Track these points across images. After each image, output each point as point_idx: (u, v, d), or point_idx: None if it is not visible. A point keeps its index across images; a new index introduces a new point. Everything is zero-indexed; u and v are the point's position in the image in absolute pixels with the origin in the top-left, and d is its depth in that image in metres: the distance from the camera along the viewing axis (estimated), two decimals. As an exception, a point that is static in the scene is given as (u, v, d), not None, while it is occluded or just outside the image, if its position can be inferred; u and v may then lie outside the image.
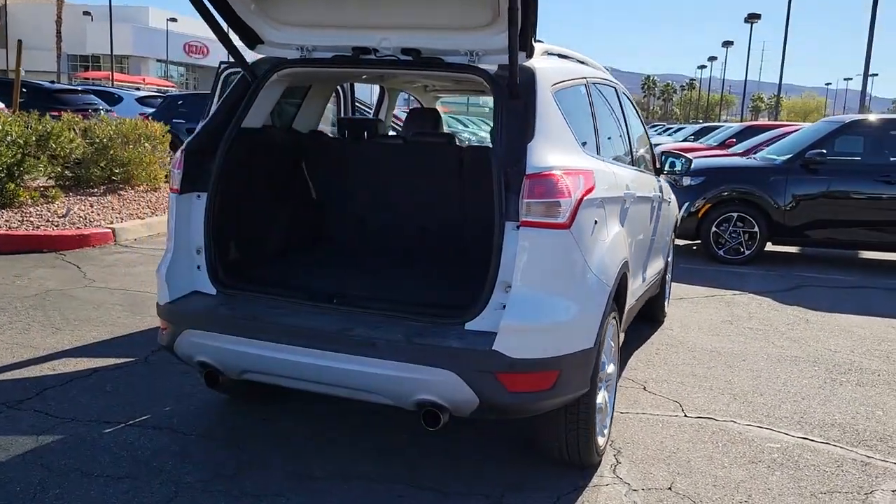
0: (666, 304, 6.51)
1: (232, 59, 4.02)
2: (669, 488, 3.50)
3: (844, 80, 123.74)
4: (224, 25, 3.53)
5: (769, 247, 9.63)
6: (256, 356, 3.23)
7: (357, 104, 5.80)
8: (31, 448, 3.57)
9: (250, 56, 3.71)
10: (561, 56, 3.98)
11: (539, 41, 3.47)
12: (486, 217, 4.08)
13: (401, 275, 3.92)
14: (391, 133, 6.04)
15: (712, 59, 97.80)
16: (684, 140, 25.14)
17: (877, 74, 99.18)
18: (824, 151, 9.13)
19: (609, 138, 4.31)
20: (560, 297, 3.09)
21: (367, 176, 4.27)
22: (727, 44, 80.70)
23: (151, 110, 18.82)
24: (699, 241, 9.57)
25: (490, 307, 3.09)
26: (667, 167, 5.84)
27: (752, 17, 56.17)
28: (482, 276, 3.26)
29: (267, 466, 3.51)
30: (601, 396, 3.59)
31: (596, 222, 3.34)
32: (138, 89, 34.16)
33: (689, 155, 6.23)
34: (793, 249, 10.68)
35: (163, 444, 3.69)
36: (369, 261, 4.10)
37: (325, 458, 3.61)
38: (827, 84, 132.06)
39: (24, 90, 13.96)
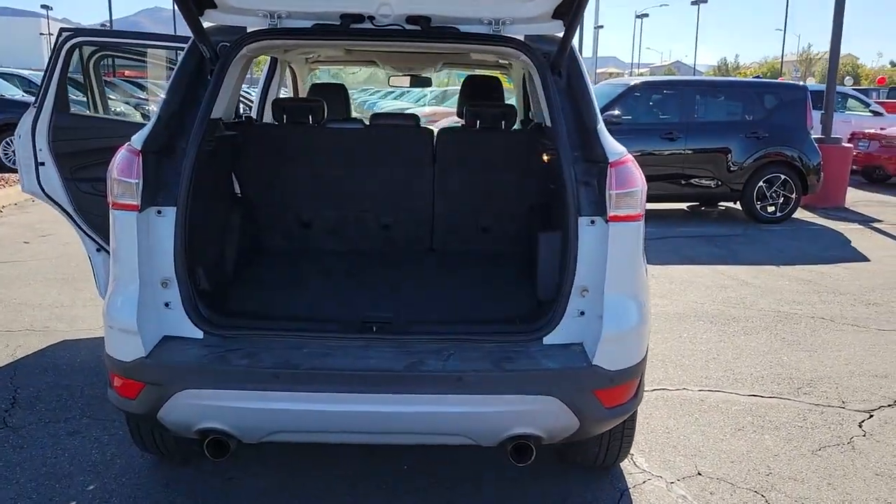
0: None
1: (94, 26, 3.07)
2: (699, 474, 3.43)
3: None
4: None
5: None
6: (298, 413, 2.53)
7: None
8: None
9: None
10: None
11: None
12: (475, 207, 3.66)
13: (424, 286, 3.34)
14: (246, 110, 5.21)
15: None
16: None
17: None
18: (618, 113, 9.74)
19: None
20: (637, 296, 2.81)
21: (326, 169, 3.57)
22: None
23: None
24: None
25: (568, 315, 2.73)
26: None
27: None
28: (524, 279, 2.87)
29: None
30: None
31: None
32: None
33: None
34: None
35: (132, 541, 2.81)
36: (371, 272, 3.44)
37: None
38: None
39: None
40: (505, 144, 3.71)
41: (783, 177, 9.99)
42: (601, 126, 2.81)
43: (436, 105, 20.24)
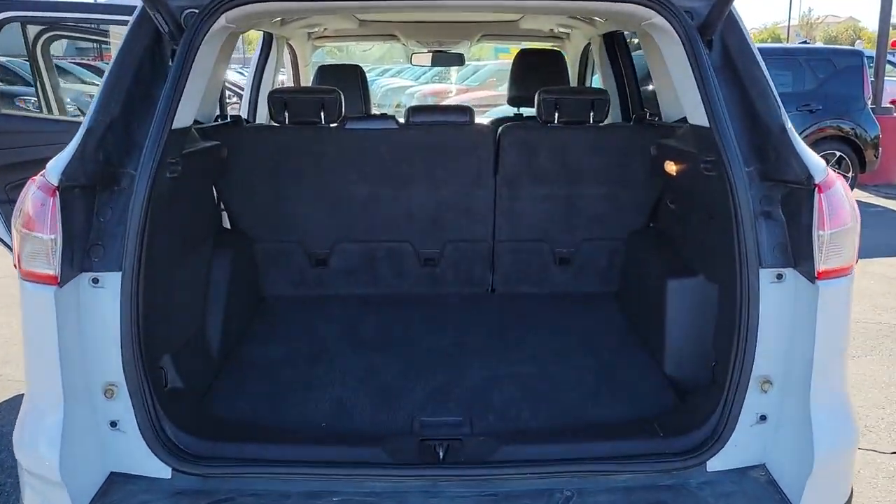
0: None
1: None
2: None
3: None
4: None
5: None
6: None
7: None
8: None
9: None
10: None
11: None
12: (550, 231, 2.67)
13: (495, 361, 2.35)
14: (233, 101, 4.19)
15: None
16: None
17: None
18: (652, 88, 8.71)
19: None
20: (846, 394, 1.83)
21: (346, 185, 2.58)
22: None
23: None
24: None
25: (742, 423, 1.75)
26: None
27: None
28: (630, 340, 1.93)
29: None
30: None
31: None
32: None
33: None
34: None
35: None
36: (414, 336, 2.45)
37: None
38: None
39: None
40: (597, 145, 2.71)
41: (839, 153, 8.98)
42: (791, 126, 1.81)
43: (447, 83, 18.78)
